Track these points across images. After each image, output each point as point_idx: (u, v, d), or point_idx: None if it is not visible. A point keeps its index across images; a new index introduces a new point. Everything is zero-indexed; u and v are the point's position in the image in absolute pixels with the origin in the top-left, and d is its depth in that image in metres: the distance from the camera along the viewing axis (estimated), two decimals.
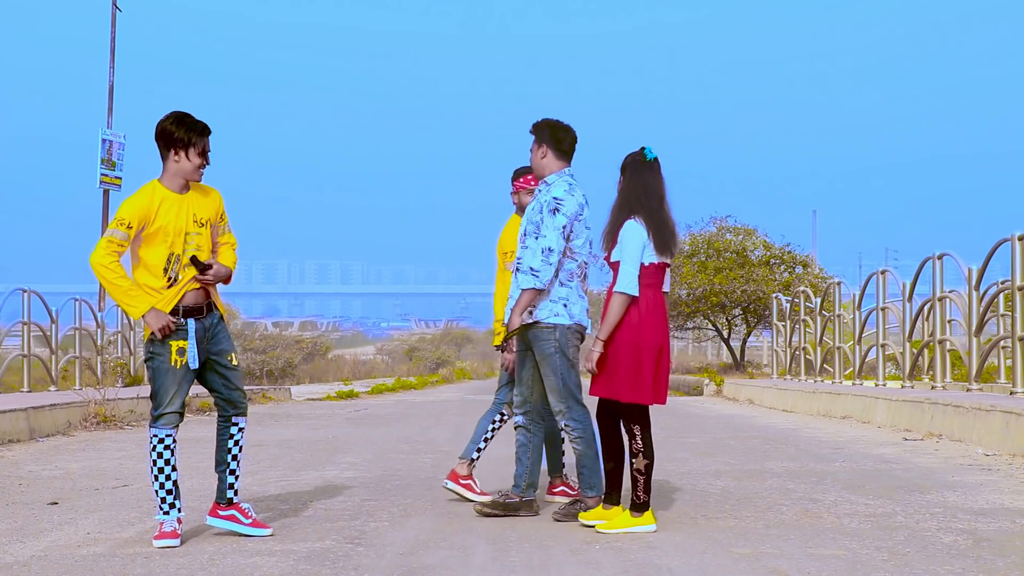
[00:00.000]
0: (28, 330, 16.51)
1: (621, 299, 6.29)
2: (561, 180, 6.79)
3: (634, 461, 6.33)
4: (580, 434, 6.74)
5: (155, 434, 6.18)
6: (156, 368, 6.15)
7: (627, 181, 6.39)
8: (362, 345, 67.63)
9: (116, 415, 14.18)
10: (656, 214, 6.32)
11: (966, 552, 5.74)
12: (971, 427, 10.95)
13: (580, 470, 6.80)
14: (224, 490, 6.35)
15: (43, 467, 9.79)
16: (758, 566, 5.45)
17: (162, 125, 6.14)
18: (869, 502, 7.41)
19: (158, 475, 6.17)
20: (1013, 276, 12.34)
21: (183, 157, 6.12)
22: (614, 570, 5.39)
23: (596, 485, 6.76)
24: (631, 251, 6.29)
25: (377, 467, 9.72)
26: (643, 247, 6.30)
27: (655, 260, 6.34)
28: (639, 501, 6.34)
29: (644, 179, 6.35)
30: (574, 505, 6.76)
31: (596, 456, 6.80)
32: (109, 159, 22.97)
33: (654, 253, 6.33)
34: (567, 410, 6.74)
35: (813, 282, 28.01)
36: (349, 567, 5.52)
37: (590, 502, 6.73)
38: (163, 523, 6.12)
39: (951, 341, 15.34)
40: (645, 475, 6.32)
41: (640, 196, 6.33)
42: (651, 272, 6.33)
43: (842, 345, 19.07)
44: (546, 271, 6.62)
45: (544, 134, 6.86)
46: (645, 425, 6.37)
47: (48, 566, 5.61)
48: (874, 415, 13.97)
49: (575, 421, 6.74)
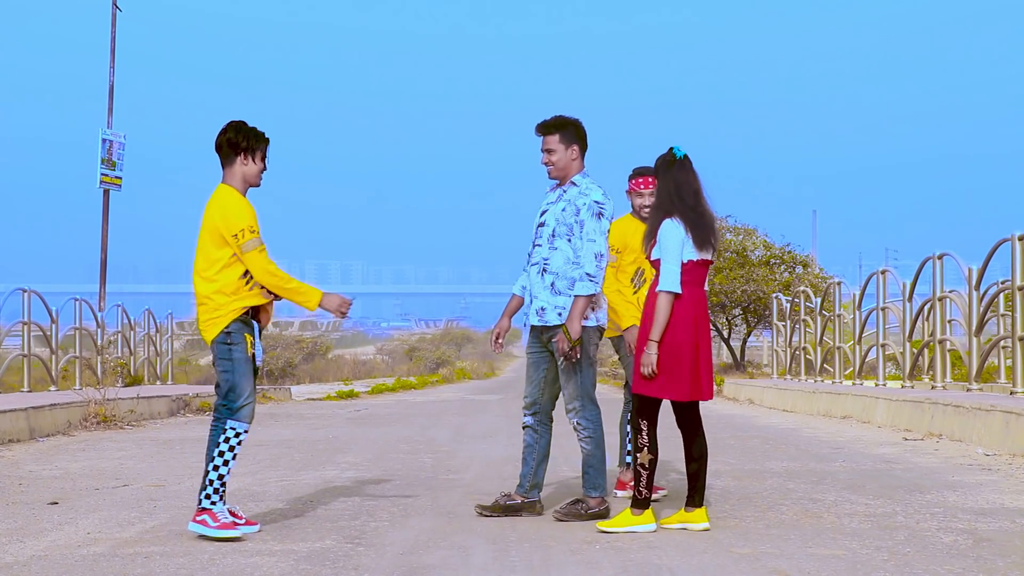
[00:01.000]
0: (28, 330, 16.51)
1: (666, 297, 6.30)
2: (592, 183, 6.83)
3: (638, 456, 6.33)
4: (590, 434, 6.75)
5: (233, 427, 6.35)
6: (236, 359, 6.36)
7: (660, 182, 6.45)
8: (362, 345, 67.64)
9: (116, 415, 14.18)
10: (692, 211, 6.36)
11: (966, 552, 5.74)
12: (971, 427, 10.94)
13: (586, 470, 6.80)
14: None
15: (43, 467, 9.79)
16: (758, 566, 5.45)
17: (230, 133, 6.41)
18: (869, 502, 7.41)
19: (221, 466, 6.32)
20: (1013, 276, 12.33)
21: (251, 161, 6.43)
22: (614, 570, 5.39)
23: (600, 486, 6.75)
24: (671, 249, 6.31)
25: (377, 467, 9.72)
26: (682, 244, 6.33)
27: (695, 257, 6.36)
28: (640, 497, 6.33)
29: (676, 177, 6.40)
30: (575, 505, 6.76)
31: (603, 457, 6.81)
32: (109, 159, 22.98)
33: (694, 250, 6.36)
34: (581, 408, 6.76)
35: (813, 282, 28.02)
36: (349, 567, 5.52)
37: (592, 502, 6.72)
38: (217, 513, 6.26)
39: (951, 341, 15.34)
40: (648, 471, 6.32)
41: (673, 195, 6.38)
42: (691, 269, 6.36)
43: (842, 345, 19.06)
44: (600, 275, 6.70)
45: (572, 133, 6.84)
46: (653, 421, 6.37)
47: (48, 566, 5.61)
48: (874, 415, 13.97)
49: (587, 420, 6.76)
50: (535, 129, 6.93)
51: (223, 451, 6.34)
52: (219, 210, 6.35)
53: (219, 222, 6.33)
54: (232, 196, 6.39)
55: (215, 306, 6.38)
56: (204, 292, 6.39)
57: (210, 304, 6.39)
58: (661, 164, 6.48)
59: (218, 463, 6.33)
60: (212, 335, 6.39)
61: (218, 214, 6.34)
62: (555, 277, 6.78)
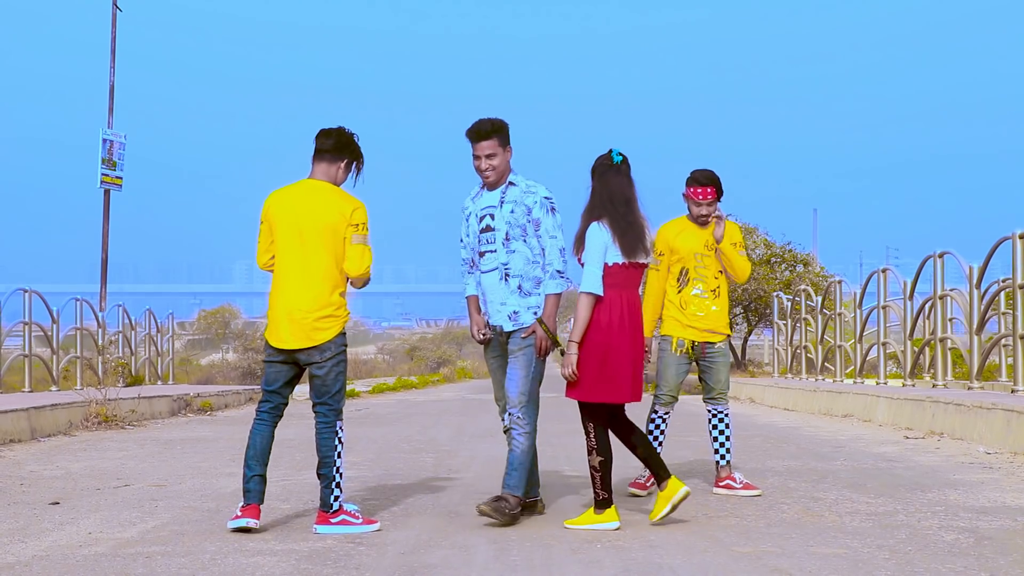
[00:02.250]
0: (29, 330, 16.53)
1: (586, 299, 6.38)
2: (529, 179, 6.85)
3: (589, 459, 6.43)
4: (528, 430, 6.73)
5: (342, 426, 6.54)
6: (345, 361, 6.54)
7: (595, 184, 6.52)
8: (363, 344, 67.55)
9: (117, 415, 14.18)
10: (623, 219, 6.42)
11: (967, 550, 5.73)
12: (972, 425, 10.94)
13: (511, 470, 6.70)
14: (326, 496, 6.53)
15: (44, 467, 9.79)
16: (759, 565, 5.45)
17: (356, 142, 6.66)
18: (870, 500, 7.41)
19: (342, 466, 6.50)
20: (1014, 274, 12.33)
21: (346, 172, 6.62)
22: (615, 569, 5.39)
23: (518, 487, 6.67)
24: (593, 253, 6.40)
25: (378, 466, 9.72)
26: (605, 249, 6.41)
27: (621, 261, 6.42)
28: (599, 499, 6.40)
29: (609, 182, 6.46)
30: (498, 501, 6.63)
31: (528, 461, 6.75)
32: (110, 159, 22.99)
33: (620, 254, 6.41)
34: (527, 402, 6.74)
35: (814, 280, 28.01)
36: (350, 566, 5.51)
37: (512, 501, 6.62)
38: (351, 510, 6.51)
39: (952, 339, 15.33)
40: (601, 472, 6.39)
41: (605, 200, 6.45)
42: (617, 272, 6.41)
43: (843, 343, 19.06)
44: (565, 270, 6.74)
45: (507, 134, 6.81)
46: (600, 423, 6.44)
47: (49, 566, 5.61)
48: (875, 413, 13.97)
49: (529, 416, 6.75)
50: (469, 136, 6.77)
51: (340, 452, 6.47)
52: (337, 204, 6.45)
53: (339, 217, 6.43)
54: (342, 191, 6.59)
55: (337, 305, 6.45)
56: (323, 290, 6.41)
57: (331, 303, 6.42)
58: (598, 166, 6.53)
59: (339, 463, 6.45)
60: (331, 336, 6.42)
61: (338, 208, 6.44)
62: (520, 279, 6.76)
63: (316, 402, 6.50)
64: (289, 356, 6.49)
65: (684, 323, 7.84)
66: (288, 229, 6.47)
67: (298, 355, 6.47)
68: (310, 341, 6.41)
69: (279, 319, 6.47)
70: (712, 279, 7.86)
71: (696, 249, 7.79)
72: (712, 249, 7.81)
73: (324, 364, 6.42)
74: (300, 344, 6.42)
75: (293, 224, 6.46)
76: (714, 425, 7.94)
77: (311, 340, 6.41)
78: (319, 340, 6.41)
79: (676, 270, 7.83)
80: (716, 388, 7.92)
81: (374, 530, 6.41)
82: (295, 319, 6.42)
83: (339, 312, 6.46)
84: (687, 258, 7.78)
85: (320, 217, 6.43)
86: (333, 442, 6.44)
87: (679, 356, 7.87)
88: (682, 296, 7.82)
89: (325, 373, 6.44)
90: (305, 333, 6.40)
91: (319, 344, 6.40)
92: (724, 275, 7.94)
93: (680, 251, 7.78)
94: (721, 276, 7.91)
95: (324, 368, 6.43)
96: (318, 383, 6.47)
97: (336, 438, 6.45)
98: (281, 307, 6.46)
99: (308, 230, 6.43)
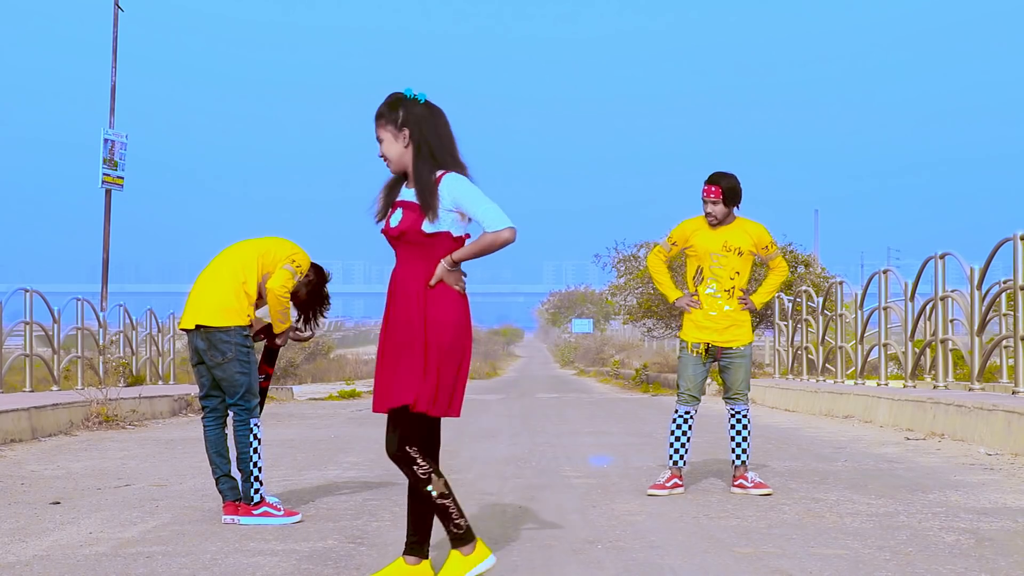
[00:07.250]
0: (30, 330, 16.52)
1: (511, 233, 4.90)
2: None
3: (431, 488, 4.92)
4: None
5: (256, 423, 6.87)
6: (253, 361, 6.83)
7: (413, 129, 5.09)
8: (364, 345, 67.48)
9: (118, 415, 14.18)
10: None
11: (968, 552, 5.73)
12: (973, 427, 10.94)
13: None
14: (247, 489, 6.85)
15: (45, 467, 9.79)
16: (760, 565, 5.45)
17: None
18: (871, 501, 7.41)
19: (259, 460, 6.82)
20: (1015, 275, 12.32)
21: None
22: (616, 570, 5.39)
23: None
24: (479, 192, 4.93)
25: (379, 466, 9.72)
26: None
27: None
28: (460, 531, 4.93)
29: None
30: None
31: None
32: (111, 159, 22.99)
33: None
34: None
35: (815, 281, 27.99)
36: (351, 566, 5.51)
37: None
38: (273, 503, 6.81)
39: (953, 341, 15.32)
40: (450, 498, 4.94)
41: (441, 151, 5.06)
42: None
43: (844, 345, 19.06)
44: None
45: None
46: (421, 443, 5.08)
47: (50, 566, 5.61)
48: (876, 414, 13.97)
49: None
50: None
51: (256, 448, 6.81)
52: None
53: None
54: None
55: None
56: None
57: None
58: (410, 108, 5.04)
59: (255, 459, 6.78)
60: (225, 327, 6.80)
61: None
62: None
63: (228, 403, 6.84)
64: (198, 357, 6.85)
65: (699, 324, 7.86)
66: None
67: (204, 356, 6.80)
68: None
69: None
70: (727, 279, 7.87)
71: (712, 249, 7.81)
72: (731, 251, 7.85)
73: (224, 365, 6.75)
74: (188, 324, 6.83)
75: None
76: (731, 425, 7.95)
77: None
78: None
79: (692, 269, 7.89)
80: (733, 388, 7.92)
81: (295, 521, 6.69)
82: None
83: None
84: (703, 256, 7.82)
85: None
86: (248, 438, 6.80)
87: (695, 356, 7.87)
88: (696, 295, 7.88)
89: (227, 374, 6.77)
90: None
91: (217, 345, 6.72)
92: (741, 277, 7.97)
93: (697, 249, 7.82)
94: (738, 278, 7.92)
95: (224, 369, 6.76)
96: (225, 385, 6.78)
97: (251, 435, 6.80)
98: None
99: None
